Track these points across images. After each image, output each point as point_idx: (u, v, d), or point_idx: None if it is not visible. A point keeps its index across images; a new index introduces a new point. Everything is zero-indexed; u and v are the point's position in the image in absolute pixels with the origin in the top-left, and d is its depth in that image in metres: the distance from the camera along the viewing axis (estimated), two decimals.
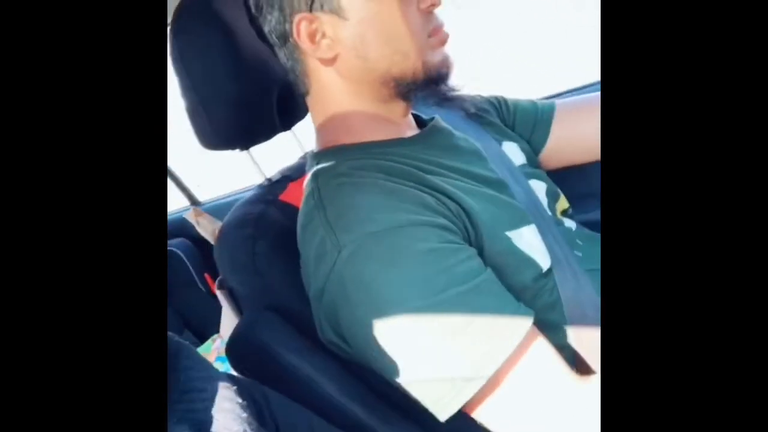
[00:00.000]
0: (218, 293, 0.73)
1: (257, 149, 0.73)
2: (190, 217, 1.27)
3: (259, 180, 0.77)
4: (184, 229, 1.44)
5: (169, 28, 0.65)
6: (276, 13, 0.56)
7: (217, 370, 0.38)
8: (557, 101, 0.77)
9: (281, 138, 0.74)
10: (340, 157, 0.57)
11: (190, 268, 1.47)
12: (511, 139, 0.71)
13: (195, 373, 0.36)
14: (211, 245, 1.50)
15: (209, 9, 0.64)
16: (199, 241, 1.46)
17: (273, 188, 0.73)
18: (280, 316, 0.60)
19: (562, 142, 0.74)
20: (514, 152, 0.69)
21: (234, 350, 0.59)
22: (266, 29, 0.58)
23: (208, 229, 1.22)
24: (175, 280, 1.40)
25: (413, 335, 0.47)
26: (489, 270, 0.51)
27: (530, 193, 0.63)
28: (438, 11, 0.57)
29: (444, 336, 0.46)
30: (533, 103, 0.76)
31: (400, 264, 0.48)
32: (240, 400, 0.35)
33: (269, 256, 0.63)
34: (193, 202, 1.53)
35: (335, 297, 0.50)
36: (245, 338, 0.59)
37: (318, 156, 0.60)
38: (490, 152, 0.65)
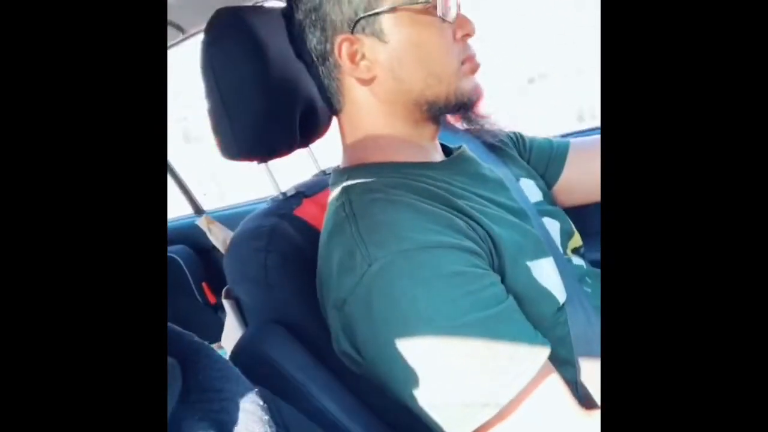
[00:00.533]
0: (225, 303, 0.72)
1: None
2: (202, 224, 1.27)
3: (266, 193, 0.78)
4: (186, 236, 1.44)
5: (202, 39, 0.66)
6: (318, 33, 0.57)
7: (237, 371, 0.38)
8: (572, 140, 0.79)
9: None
10: (373, 174, 0.58)
11: (188, 275, 1.46)
12: (528, 175, 0.73)
13: (214, 372, 0.36)
14: (212, 255, 1.50)
15: (243, 22, 0.65)
16: (200, 250, 1.46)
17: (287, 203, 0.73)
18: (287, 330, 0.60)
19: (573, 181, 0.76)
20: (530, 189, 0.70)
21: (238, 361, 0.58)
22: (307, 47, 0.60)
23: (219, 237, 1.22)
24: (172, 286, 1.39)
25: (434, 355, 0.48)
26: (511, 298, 0.52)
27: (544, 230, 0.64)
28: None
29: (464, 360, 0.47)
30: (548, 141, 0.79)
31: (429, 284, 0.48)
32: (261, 402, 0.35)
33: (280, 270, 0.63)
34: (197, 210, 1.53)
35: (358, 309, 0.51)
36: (250, 350, 0.58)
37: (348, 171, 0.61)
38: (510, 185, 0.66)
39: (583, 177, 0.75)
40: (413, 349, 0.48)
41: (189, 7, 1.05)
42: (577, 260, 0.66)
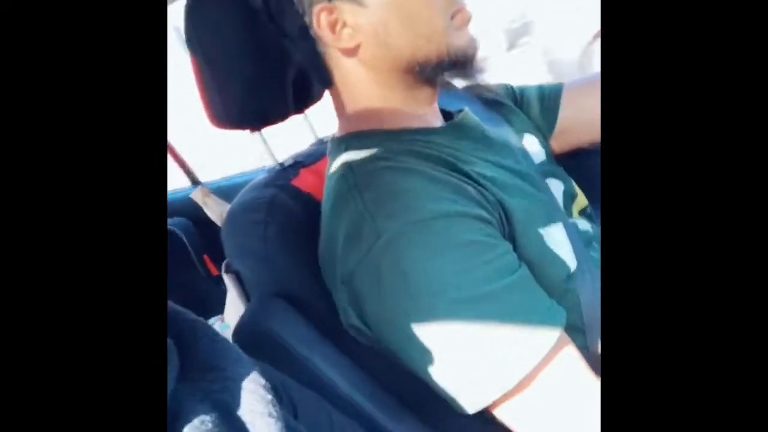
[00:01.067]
0: (225, 277, 0.71)
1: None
2: (197, 197, 1.25)
3: (265, 163, 0.76)
4: (186, 208, 1.43)
5: (184, 4, 0.63)
6: (295, 7, 0.54)
7: (237, 349, 0.37)
8: (565, 83, 0.75)
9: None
10: (374, 142, 0.56)
11: (189, 248, 1.45)
12: (530, 130, 0.70)
13: (215, 351, 0.35)
14: (212, 227, 1.49)
15: None
16: (199, 222, 1.44)
17: (285, 173, 0.71)
18: (290, 304, 0.59)
19: (568, 125, 0.73)
20: (534, 147, 0.68)
21: (241, 337, 0.58)
22: (286, 23, 0.56)
23: (215, 210, 1.20)
24: (173, 260, 1.38)
25: (448, 328, 0.46)
26: (524, 266, 0.50)
27: (549, 194, 0.62)
28: None
29: (479, 331, 0.46)
30: (540, 88, 0.75)
31: (441, 254, 0.47)
32: (263, 381, 0.34)
33: (280, 242, 0.62)
34: (195, 182, 1.51)
35: (366, 282, 0.49)
36: (253, 325, 0.57)
37: (346, 140, 0.58)
38: (516, 146, 0.63)
39: (578, 118, 0.72)
40: (427, 323, 0.47)
41: None
42: (583, 224, 0.64)
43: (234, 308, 0.70)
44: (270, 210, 0.64)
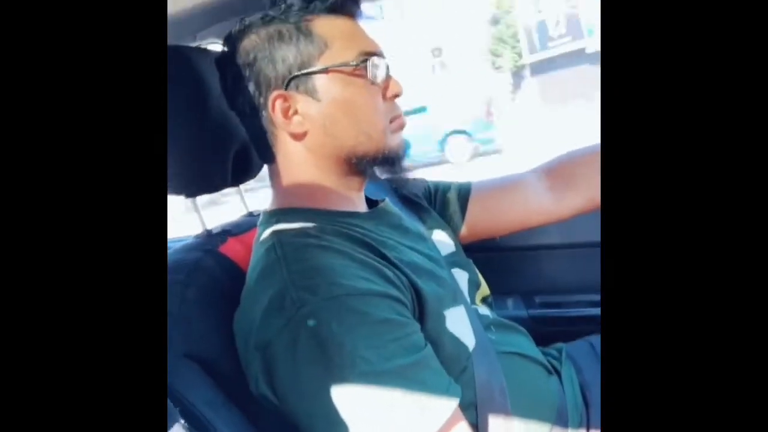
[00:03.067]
0: None
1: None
2: None
3: (194, 231, 0.78)
4: None
5: None
6: (252, 87, 0.60)
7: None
8: (473, 182, 0.84)
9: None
10: (304, 219, 0.60)
11: None
12: (440, 227, 0.78)
13: None
14: None
15: (183, 61, 0.67)
16: None
17: (212, 239, 0.73)
18: (201, 366, 0.59)
19: (474, 220, 0.81)
20: (443, 240, 0.75)
21: None
22: (239, 100, 0.62)
23: None
24: None
25: (355, 399, 0.49)
26: (429, 345, 0.54)
27: (454, 281, 0.69)
28: None
29: (382, 404, 0.49)
30: (452, 185, 0.84)
31: (356, 330, 0.50)
32: (184, 422, 0.35)
33: (198, 304, 0.63)
34: None
35: (282, 351, 0.51)
36: None
37: (278, 214, 0.62)
38: (427, 237, 0.70)
39: (484, 215, 0.80)
40: (335, 394, 0.49)
41: None
42: (483, 310, 0.70)
43: None
44: (192, 272, 0.65)
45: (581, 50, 10.71)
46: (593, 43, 10.25)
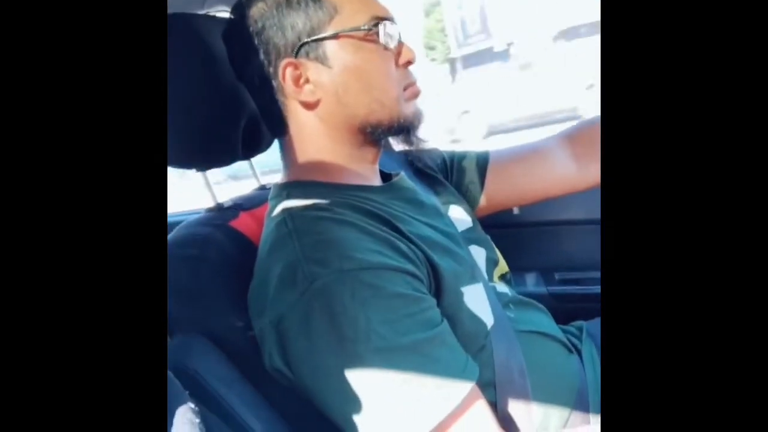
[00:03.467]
0: None
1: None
2: None
3: (205, 204, 0.77)
4: None
5: None
6: (261, 57, 0.58)
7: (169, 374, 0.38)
8: (491, 151, 0.81)
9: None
10: (315, 193, 0.59)
11: None
12: (457, 201, 0.76)
13: None
14: None
15: (195, 29, 0.65)
16: None
17: (223, 214, 0.72)
18: (215, 342, 0.59)
19: (492, 191, 0.79)
20: (459, 216, 0.73)
21: None
22: (248, 71, 0.60)
23: None
24: None
25: (368, 376, 0.48)
26: (445, 322, 0.53)
27: (471, 258, 0.67)
28: None
29: (397, 380, 0.48)
30: (469, 156, 0.81)
31: (370, 304, 0.49)
32: (193, 406, 0.34)
33: (213, 280, 0.62)
34: None
35: (295, 325, 0.50)
36: (174, 360, 0.57)
37: (289, 188, 0.61)
38: (443, 212, 0.68)
39: (503, 185, 0.78)
40: (348, 368, 0.48)
41: None
42: (502, 287, 0.69)
43: None
44: (204, 247, 0.64)
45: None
46: (500, 42, 10.61)
